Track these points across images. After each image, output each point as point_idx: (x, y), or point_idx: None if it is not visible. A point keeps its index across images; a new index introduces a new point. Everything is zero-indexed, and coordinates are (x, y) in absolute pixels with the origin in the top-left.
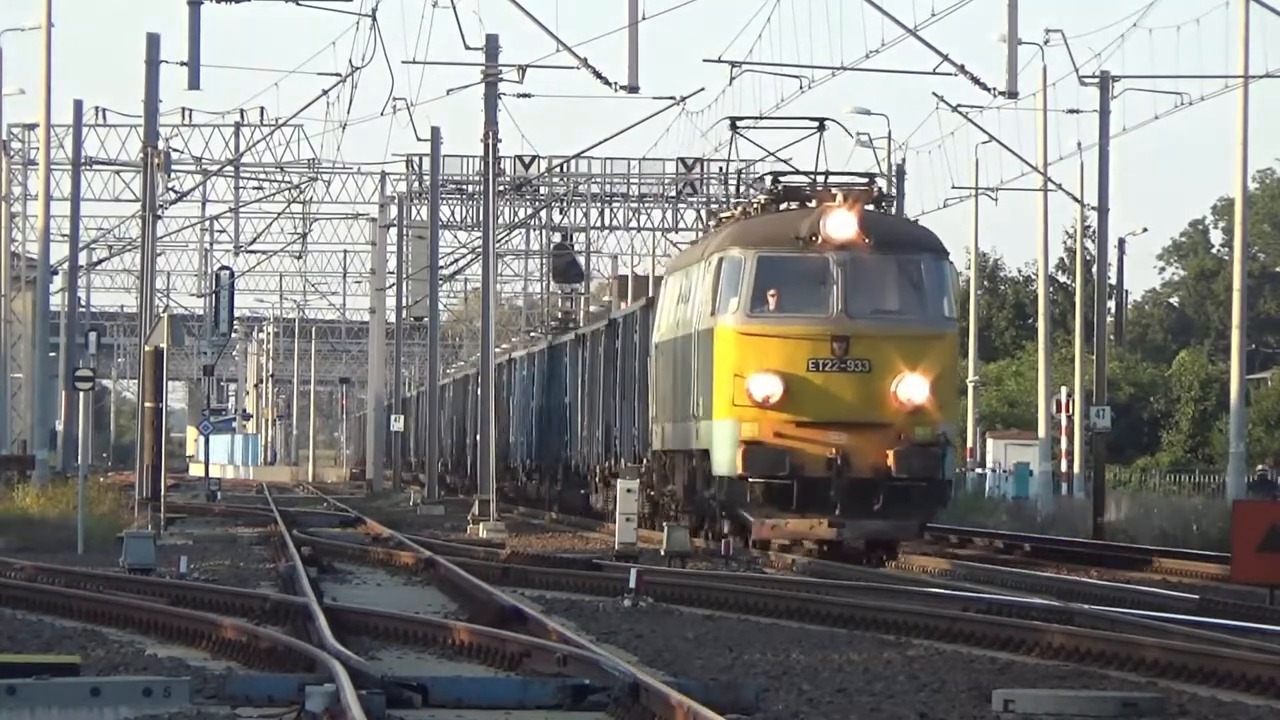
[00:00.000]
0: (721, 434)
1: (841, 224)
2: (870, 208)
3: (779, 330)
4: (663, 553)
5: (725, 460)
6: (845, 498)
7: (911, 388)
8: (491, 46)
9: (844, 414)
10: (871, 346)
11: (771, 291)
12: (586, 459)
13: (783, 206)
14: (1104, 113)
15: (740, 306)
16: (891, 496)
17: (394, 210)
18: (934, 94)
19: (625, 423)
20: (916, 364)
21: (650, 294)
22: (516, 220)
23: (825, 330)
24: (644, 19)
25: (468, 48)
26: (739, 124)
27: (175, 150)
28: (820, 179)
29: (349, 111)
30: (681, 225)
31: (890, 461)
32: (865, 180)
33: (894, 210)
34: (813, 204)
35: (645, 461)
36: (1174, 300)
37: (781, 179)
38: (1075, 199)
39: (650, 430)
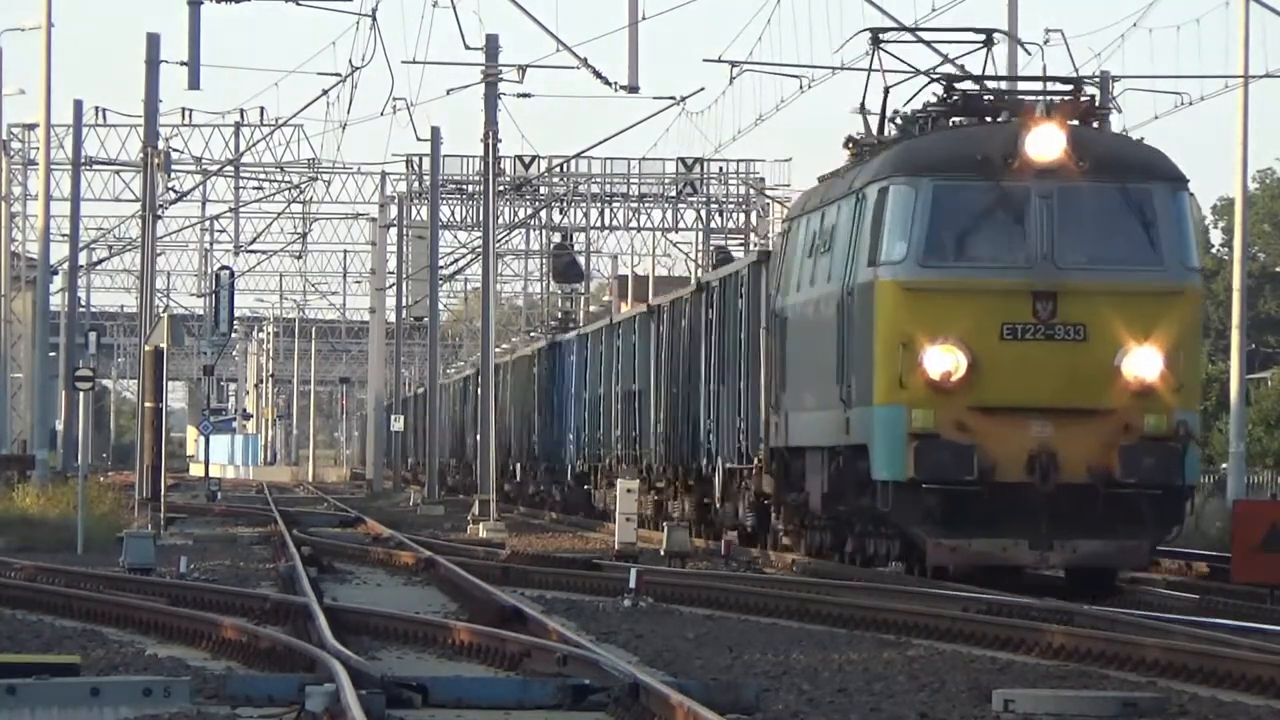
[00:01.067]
0: (884, 425)
1: (1046, 141)
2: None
3: (962, 284)
4: (663, 553)
5: (889, 460)
6: (1052, 510)
7: (1141, 362)
8: (491, 46)
9: (1050, 398)
10: (1087, 307)
11: (951, 233)
12: (668, 458)
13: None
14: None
15: (910, 253)
16: (1114, 508)
17: (394, 210)
18: (934, 94)
19: (724, 413)
20: (1148, 330)
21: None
22: (516, 220)
23: (1024, 285)
24: (644, 19)
25: (468, 48)
26: (882, 37)
27: (175, 150)
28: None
29: (349, 111)
30: (681, 225)
31: (1113, 461)
32: (1069, 89)
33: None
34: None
35: (756, 461)
36: None
37: (957, 86)
38: None
39: (766, 422)
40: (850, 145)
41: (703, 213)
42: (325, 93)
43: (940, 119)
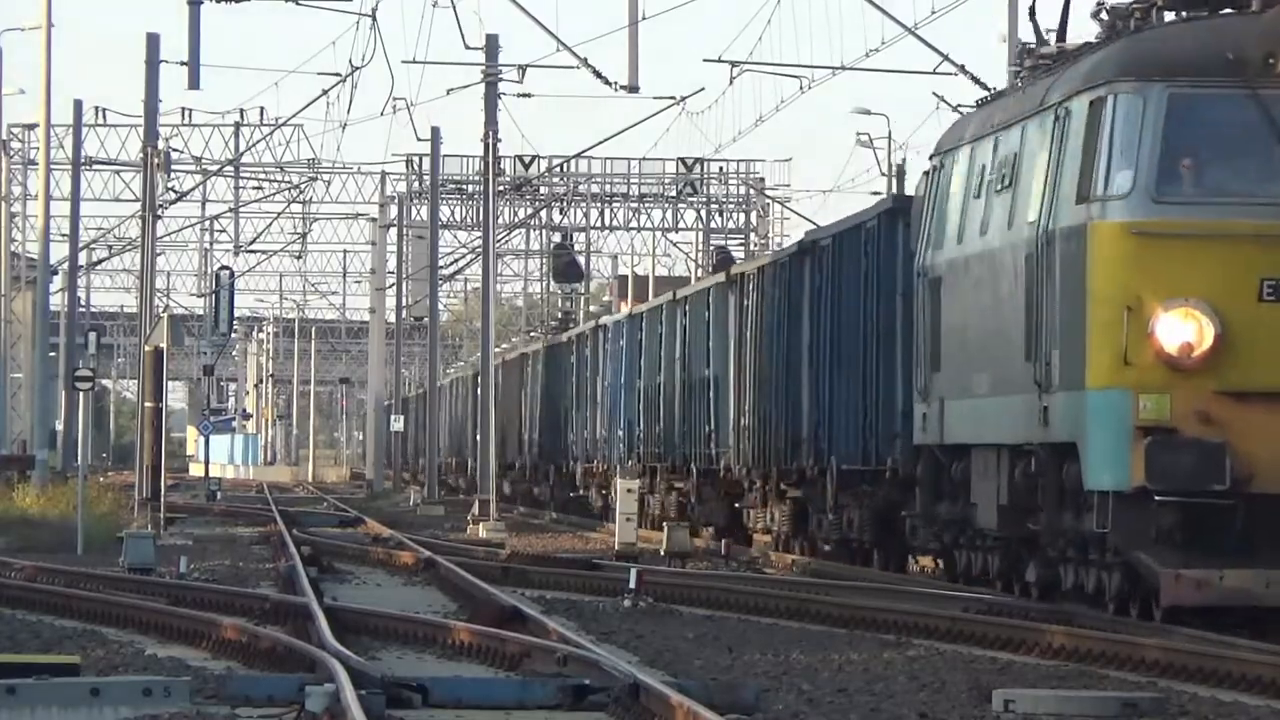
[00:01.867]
0: (1101, 415)
1: None
2: None
3: (1209, 227)
4: (663, 553)
5: (1108, 463)
6: None
7: None
8: (491, 46)
9: None
10: None
11: (1188, 161)
12: (755, 457)
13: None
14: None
15: (1138, 186)
16: None
17: (394, 210)
18: (934, 94)
19: (839, 402)
20: None
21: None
22: (516, 220)
23: None
24: (644, 19)
25: (468, 48)
26: None
27: (175, 150)
28: None
29: (349, 111)
30: (681, 225)
31: None
32: None
33: None
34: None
35: (890, 462)
36: None
37: None
38: None
39: (906, 412)
40: (1024, 57)
41: (703, 213)
42: (325, 93)
43: (1163, 9)
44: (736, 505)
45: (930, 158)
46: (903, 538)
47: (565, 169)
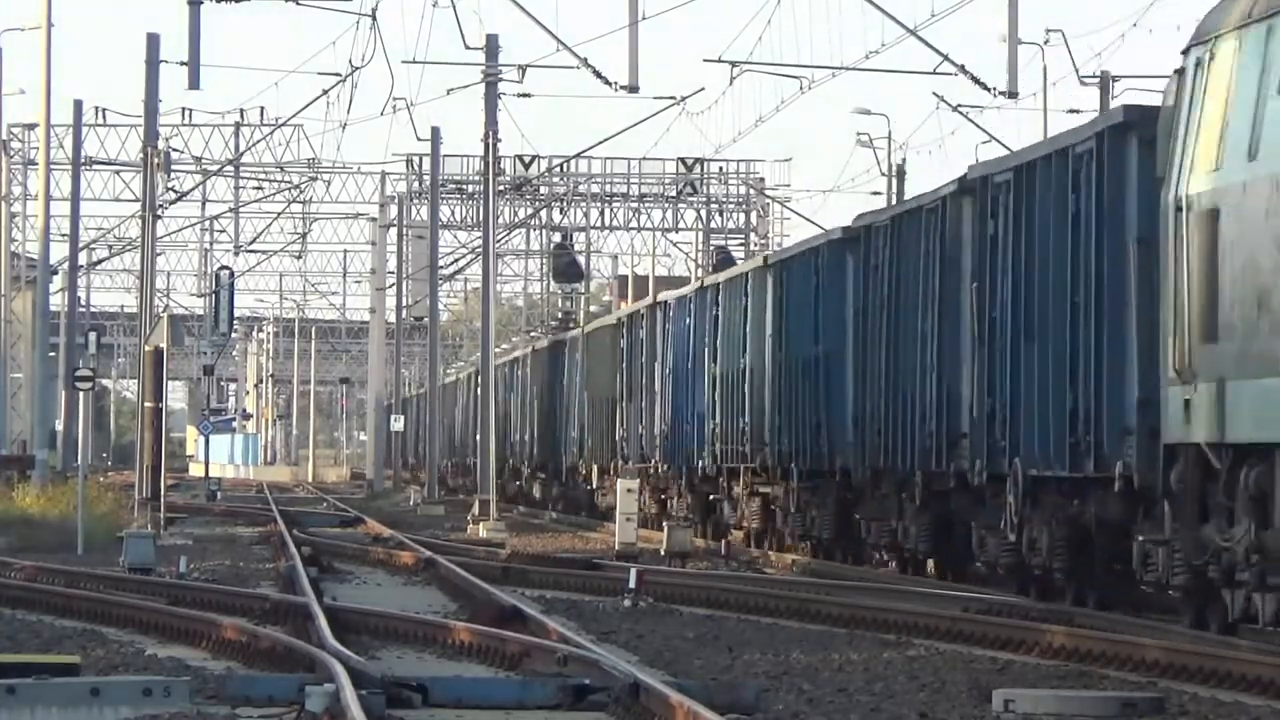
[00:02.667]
0: None
1: None
2: None
3: None
4: (663, 553)
5: None
6: None
7: None
8: (491, 46)
9: None
10: None
11: None
12: (885, 456)
13: None
14: (1104, 112)
15: None
16: None
17: (394, 210)
18: (934, 94)
19: (1031, 386)
20: None
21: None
22: (516, 220)
23: None
24: (644, 19)
25: (468, 48)
26: None
27: (175, 150)
28: None
29: (349, 111)
30: (681, 225)
31: None
32: None
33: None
34: None
35: (1118, 467)
36: None
37: None
38: None
39: (1155, 398)
40: None
41: (703, 213)
42: (325, 93)
43: None
44: (856, 515)
45: (1187, 50)
46: (1120, 569)
47: (565, 169)
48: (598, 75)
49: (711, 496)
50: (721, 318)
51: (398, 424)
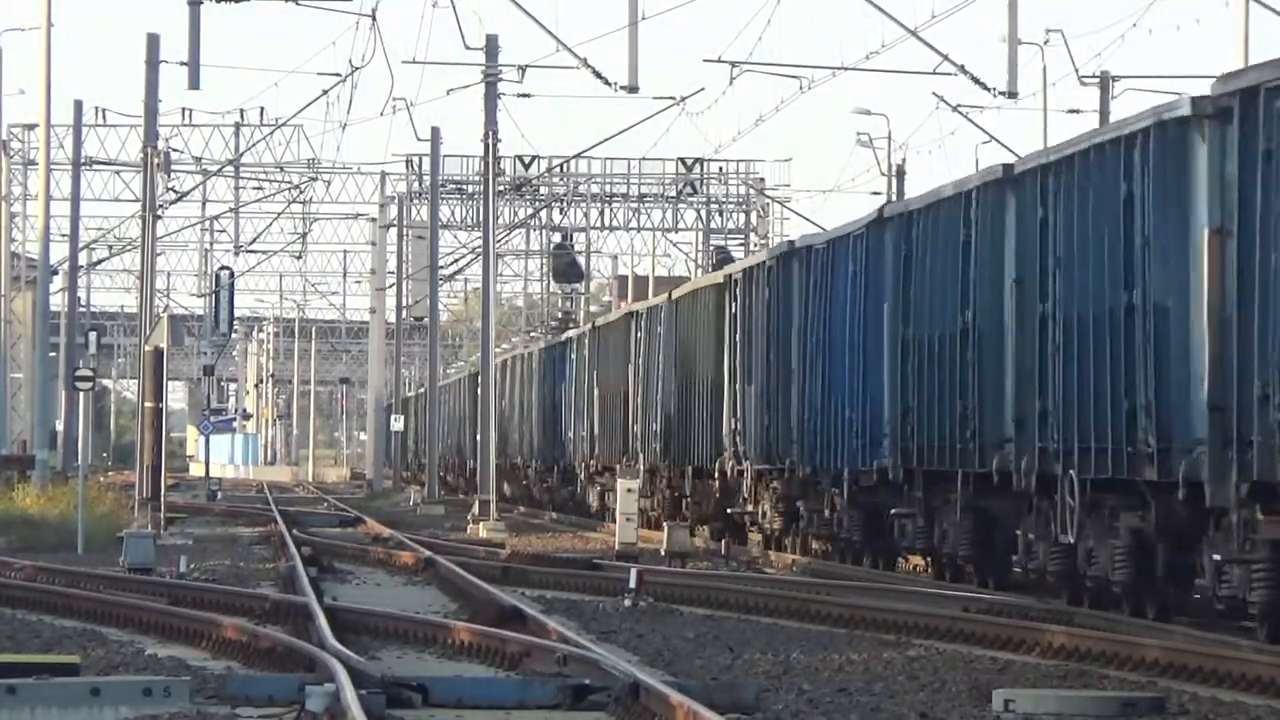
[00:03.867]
0: None
1: None
2: None
3: None
4: (663, 553)
5: None
6: None
7: None
8: (491, 46)
9: None
10: None
11: None
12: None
13: None
14: (1104, 113)
15: None
16: None
17: (394, 210)
18: (934, 94)
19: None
20: None
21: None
22: (516, 220)
23: None
24: (644, 19)
25: (468, 48)
26: None
27: (175, 150)
28: None
29: (349, 111)
30: (681, 225)
31: None
32: None
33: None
34: None
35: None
36: None
37: None
38: None
39: None
40: None
41: (703, 213)
42: (325, 93)
43: None
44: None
45: None
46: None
47: (565, 169)
48: (598, 75)
49: (895, 512)
50: (911, 262)
51: (398, 424)
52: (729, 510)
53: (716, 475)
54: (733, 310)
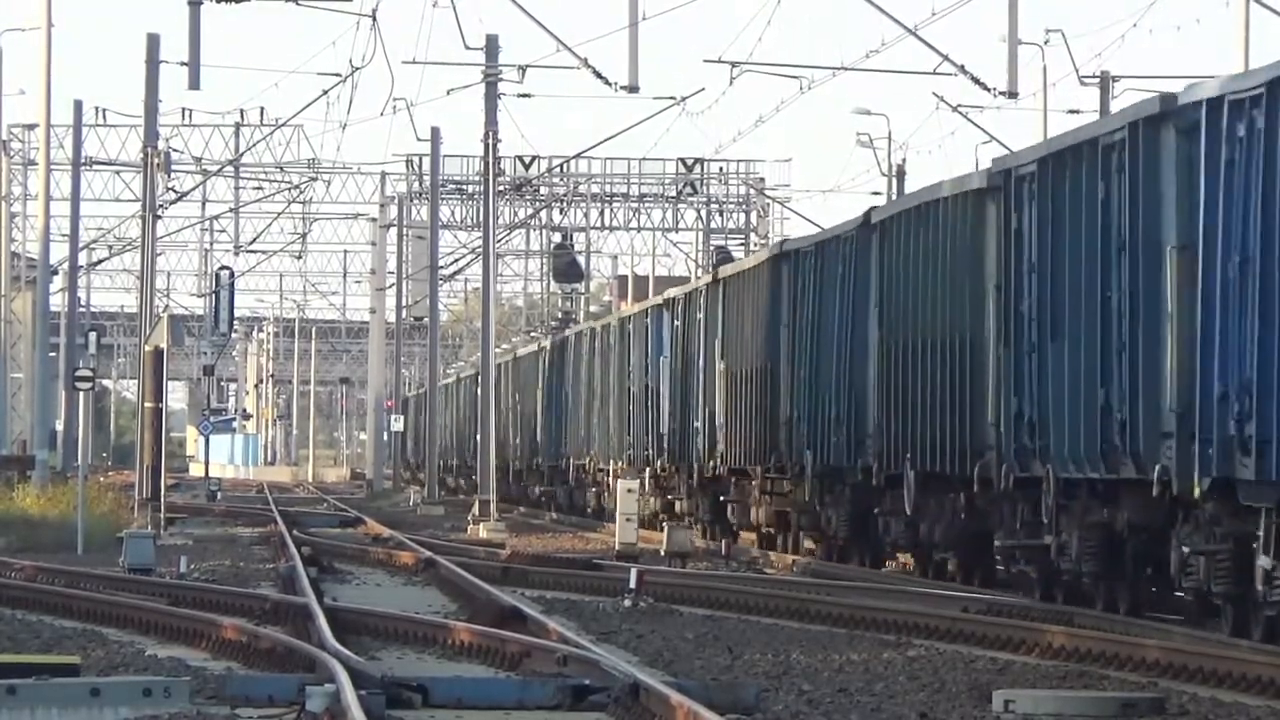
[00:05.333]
0: None
1: None
2: None
3: None
4: (663, 553)
5: None
6: None
7: None
8: (491, 46)
9: None
10: None
11: None
12: None
13: None
14: (1104, 113)
15: None
16: None
17: (394, 210)
18: (934, 94)
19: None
20: None
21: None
22: (516, 220)
23: None
24: (644, 19)
25: (468, 48)
26: None
27: (175, 150)
28: None
29: (349, 111)
30: (681, 225)
31: None
32: None
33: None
34: None
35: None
36: None
37: None
38: None
39: None
40: None
41: (703, 213)
42: (325, 93)
43: None
44: None
45: None
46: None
47: (565, 169)
48: (598, 75)
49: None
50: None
51: (397, 424)
52: None
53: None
54: (835, 271)
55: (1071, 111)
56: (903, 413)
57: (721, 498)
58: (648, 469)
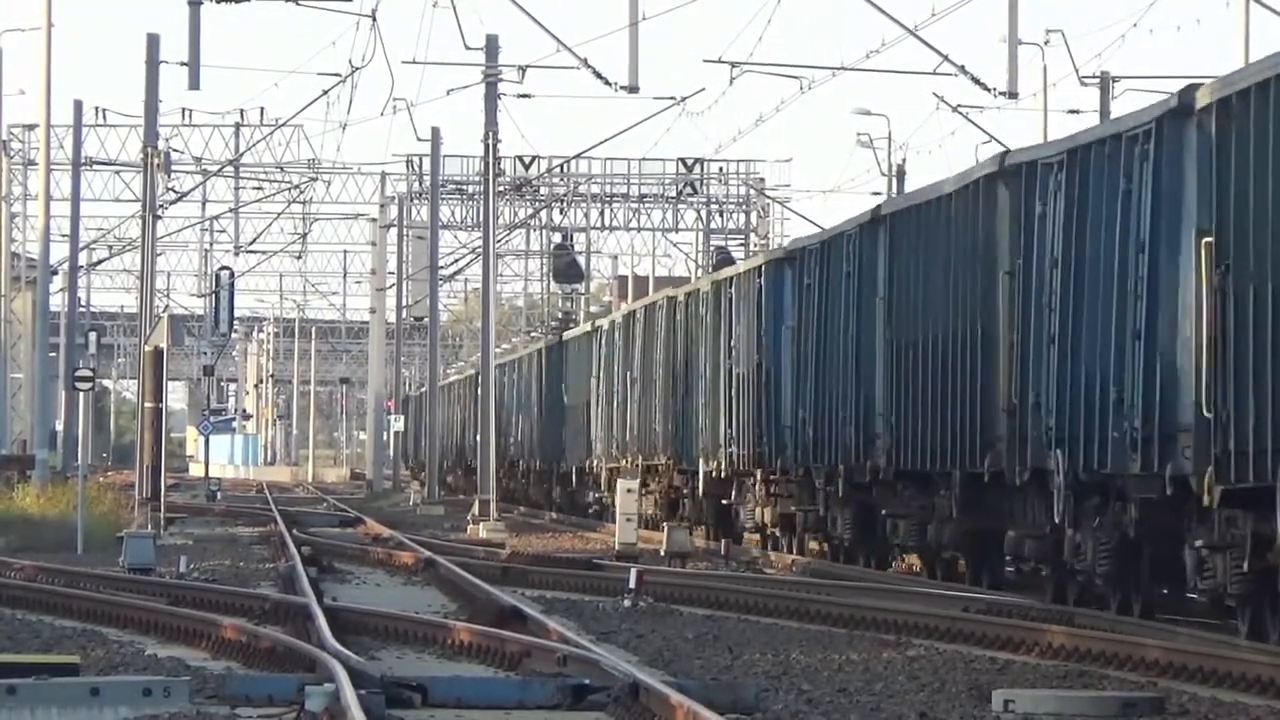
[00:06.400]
0: None
1: None
2: None
3: None
4: (663, 553)
5: None
6: None
7: None
8: (491, 46)
9: None
10: None
11: None
12: None
13: None
14: (1104, 113)
15: None
16: None
17: (394, 210)
18: (934, 94)
19: None
20: None
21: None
22: (516, 220)
23: None
24: (644, 19)
25: (468, 48)
26: None
27: (175, 150)
28: None
29: (349, 111)
30: (681, 225)
31: None
32: None
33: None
34: None
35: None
36: None
37: None
38: None
39: None
40: None
41: (703, 213)
42: (325, 93)
43: None
44: None
45: None
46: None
47: (565, 169)
48: (598, 75)
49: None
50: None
51: (398, 424)
52: None
53: None
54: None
55: (1072, 112)
56: None
57: (885, 511)
58: (759, 470)
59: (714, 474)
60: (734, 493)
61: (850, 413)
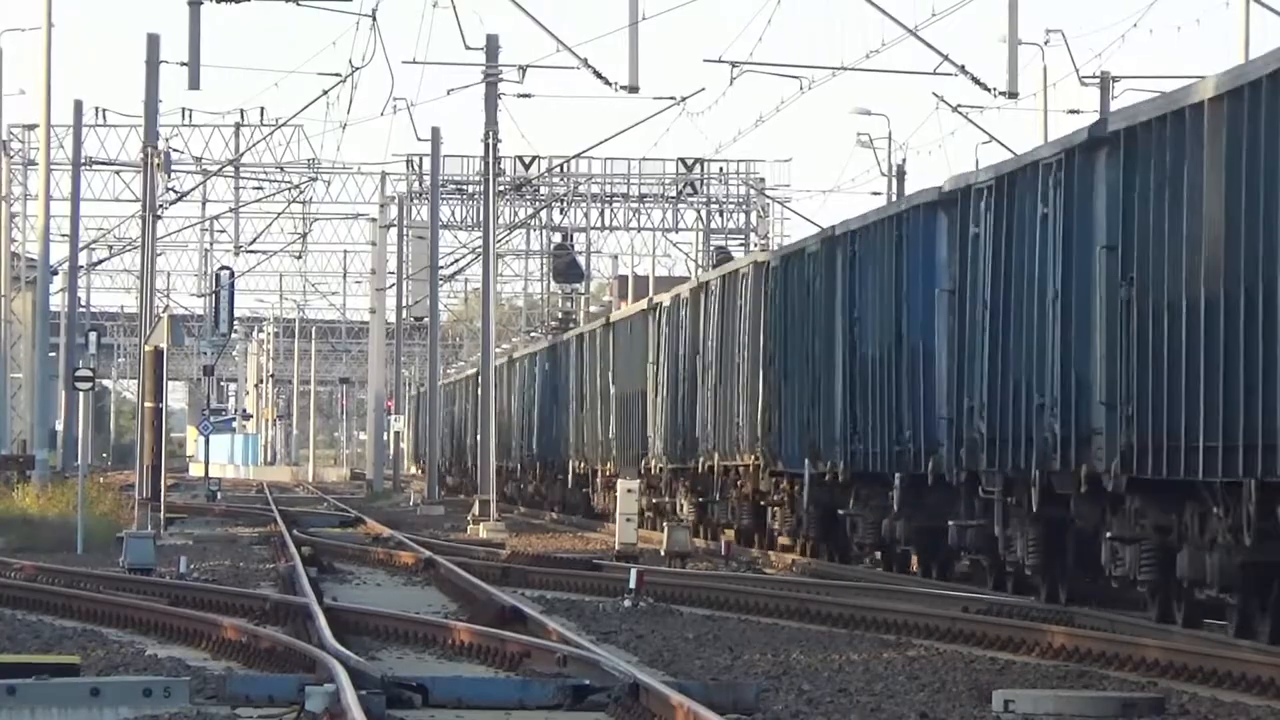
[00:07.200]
0: None
1: None
2: None
3: None
4: (663, 553)
5: None
6: None
7: None
8: (491, 46)
9: None
10: None
11: None
12: None
13: None
14: (1104, 113)
15: None
16: None
17: (394, 210)
18: (934, 94)
19: None
20: None
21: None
22: (516, 220)
23: None
24: (644, 19)
25: (468, 48)
26: None
27: (175, 150)
28: None
29: (349, 111)
30: (681, 225)
31: None
32: None
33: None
34: None
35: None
36: None
37: None
38: None
39: None
40: None
41: (703, 213)
42: (325, 93)
43: None
44: None
45: None
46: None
47: (565, 169)
48: (598, 75)
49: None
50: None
51: (398, 424)
52: None
53: None
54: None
55: (1072, 111)
56: None
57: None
58: (898, 475)
59: (825, 478)
60: (852, 502)
61: (1050, 400)
